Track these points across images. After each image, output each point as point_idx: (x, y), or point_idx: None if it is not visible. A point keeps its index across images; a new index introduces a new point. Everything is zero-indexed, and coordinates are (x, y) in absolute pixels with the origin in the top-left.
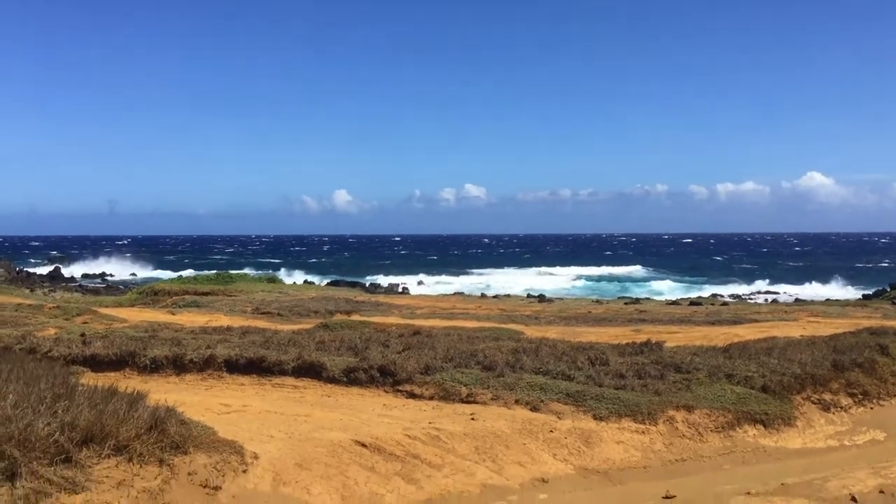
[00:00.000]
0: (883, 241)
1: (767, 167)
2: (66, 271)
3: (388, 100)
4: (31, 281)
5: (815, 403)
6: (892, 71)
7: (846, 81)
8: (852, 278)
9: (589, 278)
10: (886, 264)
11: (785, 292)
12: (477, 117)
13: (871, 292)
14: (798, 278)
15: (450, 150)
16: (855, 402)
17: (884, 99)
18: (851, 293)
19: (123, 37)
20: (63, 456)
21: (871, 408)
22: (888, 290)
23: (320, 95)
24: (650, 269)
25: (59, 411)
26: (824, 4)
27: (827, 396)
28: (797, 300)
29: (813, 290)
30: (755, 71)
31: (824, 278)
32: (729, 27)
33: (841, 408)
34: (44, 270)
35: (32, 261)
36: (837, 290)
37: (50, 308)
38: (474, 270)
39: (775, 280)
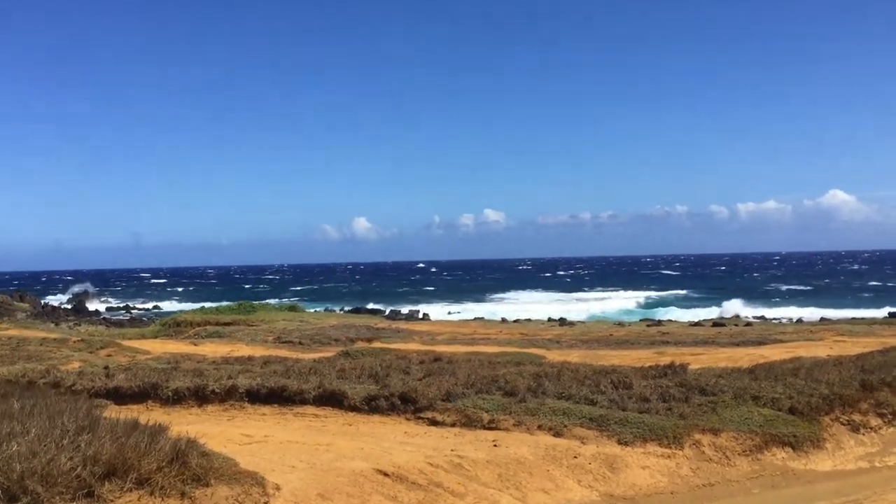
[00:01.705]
0: None
1: (789, 186)
2: (90, 304)
3: (407, 127)
4: (56, 315)
5: (844, 424)
6: None
7: (866, 98)
8: (879, 296)
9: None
10: None
11: (810, 311)
12: (496, 142)
13: None
14: (823, 297)
15: (469, 176)
16: (885, 422)
17: None
18: (878, 311)
19: (144, 71)
20: (85, 490)
21: None
22: None
23: (337, 124)
24: (690, 290)
25: (82, 445)
26: (843, 19)
27: (856, 417)
28: (822, 319)
29: (839, 310)
30: (773, 88)
31: (849, 296)
32: (746, 43)
33: (871, 428)
34: (68, 304)
35: (57, 295)
36: (864, 308)
37: (74, 342)
38: (495, 295)
39: (801, 300)
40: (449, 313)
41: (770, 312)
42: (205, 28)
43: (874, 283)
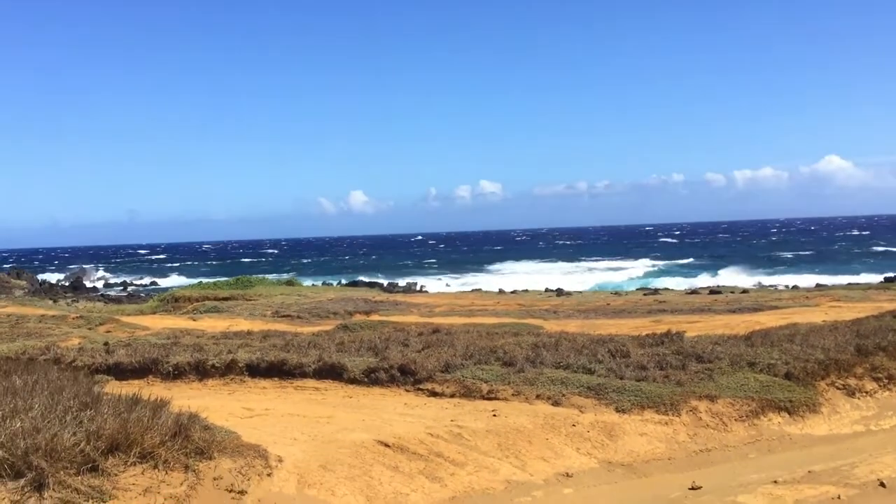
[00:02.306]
0: None
1: (785, 152)
2: (88, 281)
3: (402, 99)
4: (54, 292)
5: (839, 389)
6: None
7: (861, 63)
8: (874, 261)
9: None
10: None
11: (806, 277)
12: (491, 114)
13: (893, 275)
14: (819, 263)
15: (464, 148)
16: (880, 386)
17: None
18: (874, 276)
19: (135, 43)
20: (89, 465)
21: None
22: None
23: (334, 98)
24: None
25: (85, 421)
26: None
27: (852, 381)
28: (818, 285)
29: (834, 275)
30: (769, 54)
31: (845, 262)
32: (742, 12)
33: (866, 392)
34: (66, 281)
35: (55, 272)
36: (859, 273)
37: (73, 318)
38: (492, 266)
39: (797, 266)
40: (447, 285)
41: (766, 279)
42: (202, 3)
43: (870, 248)
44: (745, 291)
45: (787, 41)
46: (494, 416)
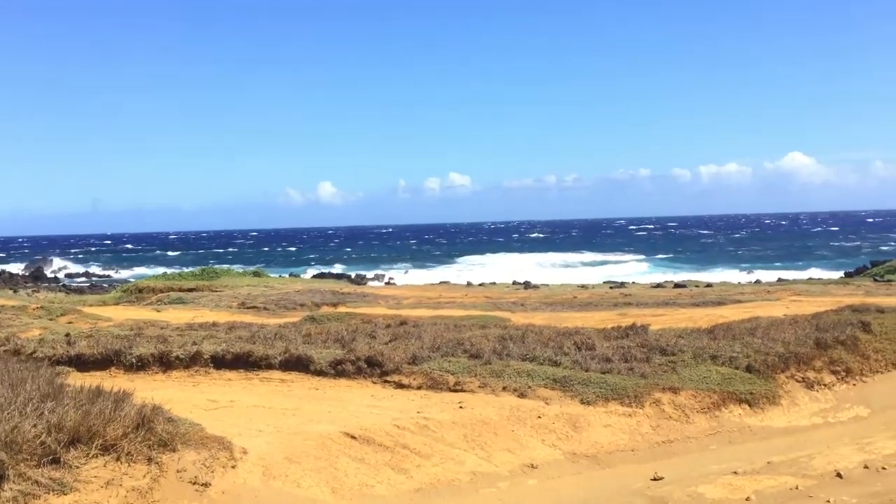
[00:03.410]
0: (871, 220)
1: (750, 148)
2: (50, 271)
3: (372, 91)
4: (14, 282)
5: (799, 382)
6: (869, 50)
7: (825, 61)
8: (834, 256)
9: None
10: (868, 242)
11: (768, 272)
12: (460, 106)
13: (852, 270)
14: (781, 258)
15: (434, 140)
16: (838, 379)
17: (863, 78)
18: (834, 272)
19: (102, 32)
20: (50, 457)
21: (855, 384)
22: (869, 267)
23: (302, 87)
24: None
25: (46, 412)
26: None
27: (811, 374)
28: (780, 280)
29: (795, 270)
30: (735, 52)
31: (806, 257)
32: (704, 9)
33: (825, 385)
34: (26, 271)
35: (15, 262)
36: (819, 269)
37: (34, 308)
38: (460, 259)
39: (759, 261)
40: (415, 278)
41: (729, 274)
42: None
43: (831, 243)
44: (708, 285)
45: (751, 38)
46: (461, 407)
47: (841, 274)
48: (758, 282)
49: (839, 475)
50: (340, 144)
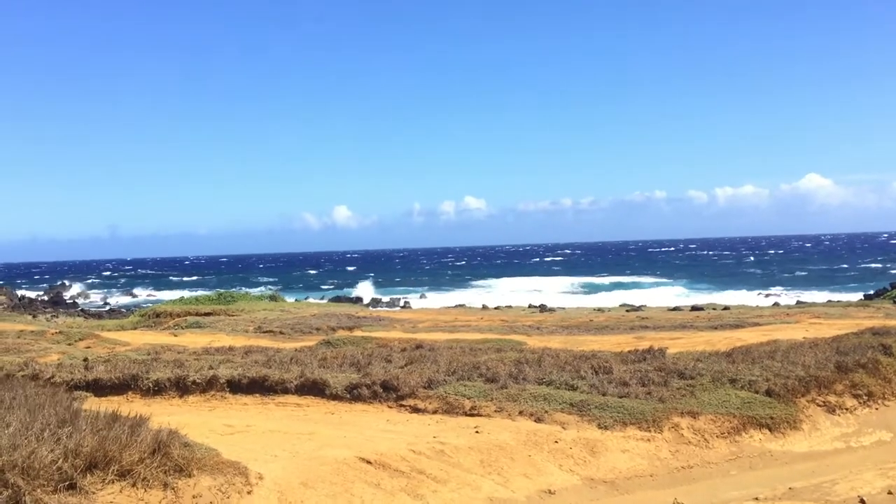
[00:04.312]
0: (891, 241)
1: (766, 170)
2: (68, 296)
3: (387, 114)
4: (33, 307)
5: (819, 406)
6: (887, 71)
7: (842, 82)
8: (853, 278)
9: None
10: (888, 264)
11: (786, 295)
12: (475, 129)
13: (872, 292)
14: (799, 280)
15: (449, 163)
16: (860, 403)
17: (881, 99)
18: (853, 294)
19: (118, 58)
20: (67, 483)
21: (877, 408)
22: (889, 289)
23: (318, 111)
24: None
25: (63, 438)
26: (819, 6)
27: (832, 398)
28: (798, 302)
29: (815, 292)
30: (750, 73)
31: (826, 279)
32: (724, 29)
33: (846, 409)
34: (45, 296)
35: (34, 287)
36: (839, 291)
37: (52, 334)
38: (476, 282)
39: (777, 283)
40: (431, 301)
41: (747, 296)
42: (182, 14)
43: (851, 265)
44: (726, 308)
45: (765, 60)
46: (477, 432)
47: (861, 296)
48: (776, 304)
49: (862, 501)
50: (355, 168)
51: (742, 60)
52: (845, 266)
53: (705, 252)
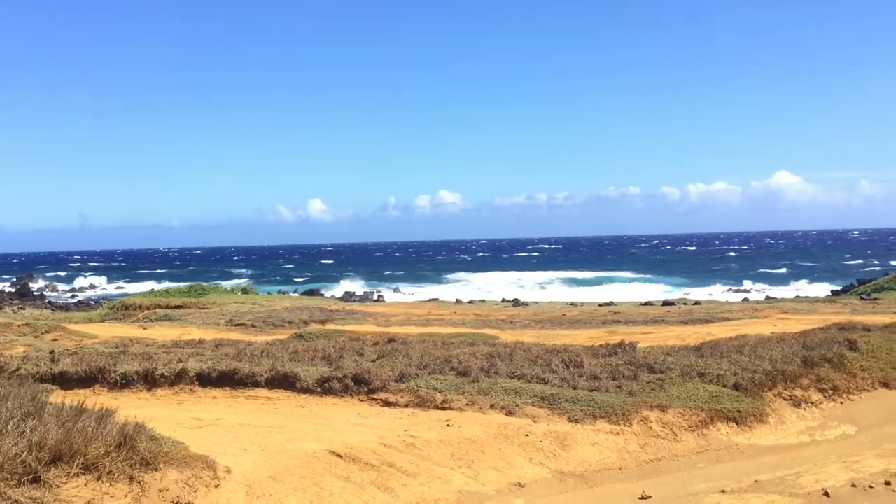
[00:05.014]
0: (861, 238)
1: (738, 167)
2: (35, 288)
3: (362, 108)
4: (0, 299)
5: (786, 400)
6: (857, 70)
7: (812, 81)
8: (821, 275)
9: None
10: (855, 261)
11: (756, 290)
12: (451, 124)
13: (839, 288)
14: (769, 277)
15: (424, 157)
16: (825, 397)
17: (851, 98)
18: (821, 290)
19: (92, 43)
20: (31, 476)
21: (842, 402)
22: (856, 285)
23: (293, 105)
24: (633, 272)
25: (27, 430)
26: (791, 6)
27: (798, 392)
28: (767, 298)
29: (784, 288)
30: (723, 71)
31: (794, 275)
32: (696, 27)
33: (812, 403)
34: (12, 288)
35: (0, 279)
36: (807, 286)
37: (18, 326)
38: (450, 276)
39: (747, 278)
40: (404, 295)
41: (718, 291)
42: (155, 5)
43: (816, 262)
44: (696, 303)
45: (738, 59)
46: (448, 426)
47: (828, 292)
48: (746, 300)
49: (826, 494)
50: (330, 162)
51: (715, 58)
52: (814, 263)
53: (678, 247)
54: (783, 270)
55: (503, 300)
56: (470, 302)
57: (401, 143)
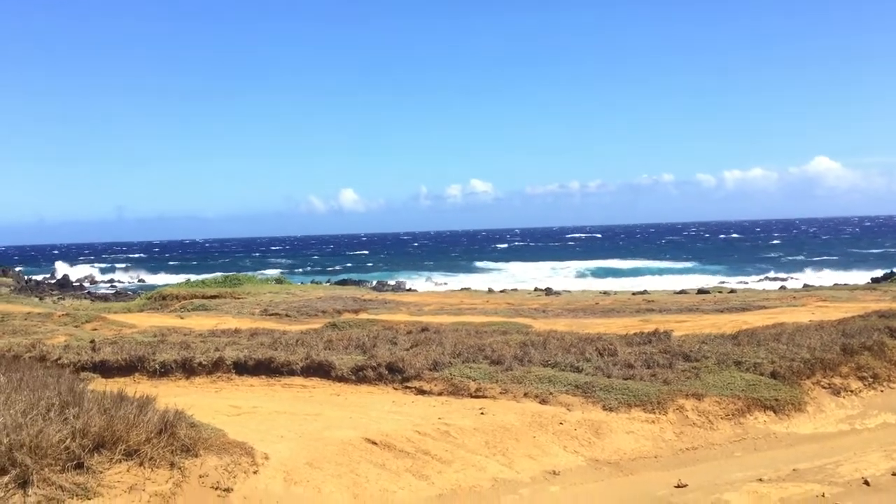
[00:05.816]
0: None
1: (775, 153)
2: (75, 279)
3: (393, 98)
4: (40, 289)
5: (825, 388)
6: (894, 52)
7: (851, 65)
8: (861, 262)
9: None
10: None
11: (793, 278)
12: (482, 113)
13: (880, 275)
14: (808, 264)
15: (456, 147)
16: (865, 385)
17: (890, 81)
18: (860, 277)
19: (123, 38)
20: (74, 462)
21: (882, 391)
22: None
23: (324, 96)
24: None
25: (70, 418)
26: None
27: (837, 381)
28: (805, 286)
29: (822, 275)
30: (759, 55)
31: (833, 263)
32: (733, 13)
33: (851, 392)
34: (52, 279)
35: (41, 269)
36: (846, 274)
37: (59, 316)
38: (482, 265)
39: (784, 266)
40: (436, 284)
41: (754, 279)
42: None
43: (856, 248)
44: (732, 291)
45: (773, 42)
46: (482, 414)
47: (868, 279)
48: (783, 288)
49: (867, 482)
50: (362, 151)
51: (750, 43)
52: (853, 249)
53: (715, 235)
54: (822, 258)
55: (535, 289)
56: (502, 291)
57: (432, 132)
